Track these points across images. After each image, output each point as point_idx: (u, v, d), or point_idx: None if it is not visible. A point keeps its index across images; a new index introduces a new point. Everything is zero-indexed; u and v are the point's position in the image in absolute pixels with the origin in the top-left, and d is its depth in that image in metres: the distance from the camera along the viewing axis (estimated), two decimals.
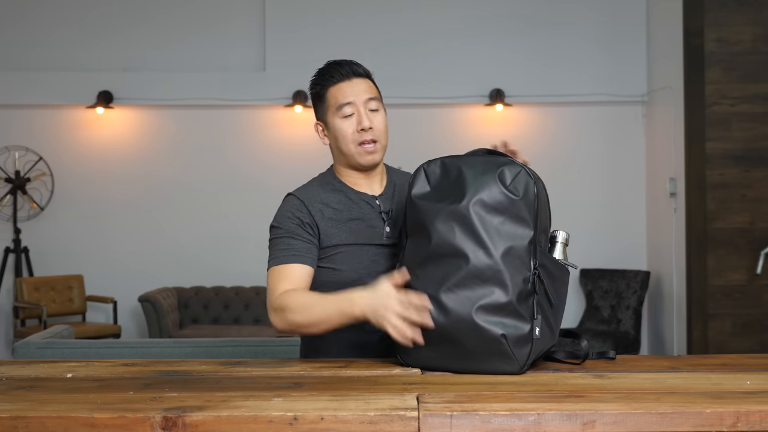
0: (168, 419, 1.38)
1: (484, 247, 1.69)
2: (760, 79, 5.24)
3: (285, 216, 2.01)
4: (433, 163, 1.82)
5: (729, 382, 1.62)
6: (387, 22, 6.88)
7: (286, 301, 1.88)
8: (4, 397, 1.55)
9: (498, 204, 1.71)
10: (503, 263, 1.68)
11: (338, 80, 2.03)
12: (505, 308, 1.68)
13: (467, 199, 1.72)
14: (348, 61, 2.08)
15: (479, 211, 1.71)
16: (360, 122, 2.01)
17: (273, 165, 6.83)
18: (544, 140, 6.86)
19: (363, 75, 2.07)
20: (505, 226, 1.70)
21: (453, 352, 1.71)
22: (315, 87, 2.08)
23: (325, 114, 2.06)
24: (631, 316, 6.33)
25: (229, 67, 6.98)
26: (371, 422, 1.37)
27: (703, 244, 5.32)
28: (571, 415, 1.39)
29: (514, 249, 1.70)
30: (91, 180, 6.98)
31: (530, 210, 1.72)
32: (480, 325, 1.67)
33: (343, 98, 2.01)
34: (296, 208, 2.01)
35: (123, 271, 6.92)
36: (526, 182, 1.72)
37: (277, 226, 2.02)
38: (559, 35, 6.85)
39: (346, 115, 2.01)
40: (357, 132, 2.01)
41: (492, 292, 1.68)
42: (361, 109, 2.02)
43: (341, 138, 2.02)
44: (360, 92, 2.03)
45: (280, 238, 1.99)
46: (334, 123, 2.03)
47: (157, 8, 7.01)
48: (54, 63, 6.94)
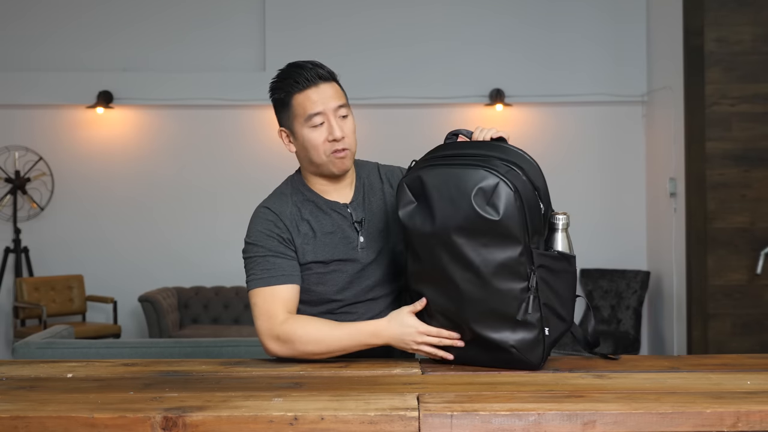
0: (168, 419, 1.38)
1: (473, 272, 1.70)
2: (760, 79, 5.24)
3: (263, 233, 1.94)
4: (411, 176, 1.77)
5: (729, 382, 1.62)
6: (387, 21, 6.88)
7: (292, 330, 1.84)
8: (4, 397, 1.55)
9: (479, 227, 1.67)
10: (496, 282, 1.69)
11: (304, 86, 1.92)
12: (507, 322, 1.72)
13: (450, 224, 1.69)
14: (311, 63, 1.96)
15: (461, 236, 1.69)
16: (331, 132, 1.92)
17: (273, 165, 6.81)
18: (544, 140, 6.85)
19: (328, 78, 1.95)
20: (491, 246, 1.68)
21: (474, 354, 1.78)
22: (277, 92, 1.97)
23: (291, 122, 1.96)
24: (631, 316, 6.33)
25: (229, 67, 6.98)
26: (371, 422, 1.37)
27: (703, 244, 5.31)
28: (571, 415, 1.40)
29: (506, 265, 1.69)
30: (91, 180, 6.98)
31: (516, 224, 1.67)
32: (489, 338, 1.73)
33: (311, 108, 1.91)
34: (273, 223, 1.94)
35: (123, 271, 6.92)
36: (506, 195, 1.65)
37: (255, 244, 1.94)
38: (559, 35, 6.85)
39: (316, 125, 1.92)
40: (328, 142, 1.92)
41: (492, 311, 1.72)
42: (331, 117, 1.92)
43: (311, 148, 1.94)
44: (328, 99, 1.93)
45: (263, 257, 1.91)
46: (303, 133, 1.94)
47: (157, 8, 7.00)
48: (54, 63, 6.94)
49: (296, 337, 1.83)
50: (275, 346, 1.86)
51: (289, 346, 1.84)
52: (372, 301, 1.98)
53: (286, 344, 1.84)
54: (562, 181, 6.57)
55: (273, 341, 1.86)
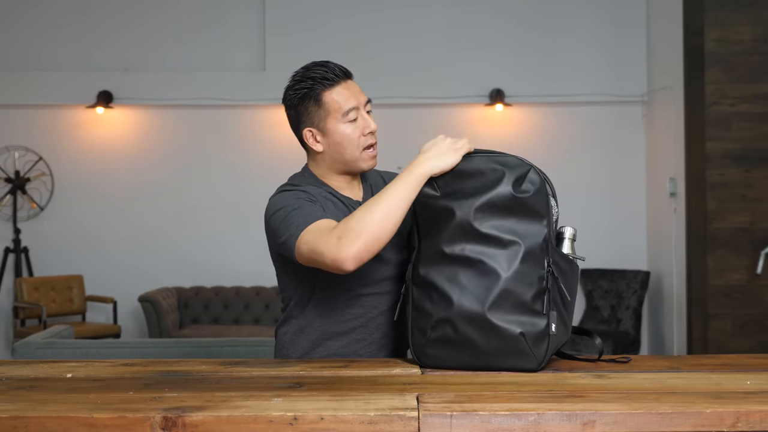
0: (168, 419, 1.38)
1: (501, 247, 1.72)
2: (760, 79, 5.24)
3: (292, 197, 1.88)
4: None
5: (729, 382, 1.62)
6: (387, 21, 6.88)
7: (338, 229, 1.72)
8: (4, 397, 1.55)
9: (510, 204, 1.73)
10: (520, 263, 1.71)
11: (334, 82, 1.93)
12: (521, 307, 1.71)
13: (479, 203, 1.73)
14: (329, 62, 1.97)
15: (491, 214, 1.73)
16: (366, 126, 1.95)
17: (273, 165, 6.82)
18: (544, 140, 6.86)
19: (350, 74, 1.98)
20: (521, 225, 1.73)
21: (471, 352, 1.74)
22: (303, 91, 1.94)
23: (322, 120, 1.94)
24: (631, 316, 6.33)
25: (229, 67, 6.98)
26: (371, 422, 1.37)
27: (703, 244, 5.31)
28: (571, 415, 1.40)
29: (530, 247, 1.73)
30: (91, 180, 6.98)
31: (543, 206, 1.74)
32: (496, 324, 1.70)
33: (347, 103, 1.93)
34: (302, 191, 1.91)
35: (123, 271, 6.92)
36: (536, 179, 1.74)
37: (284, 206, 1.86)
38: (559, 35, 6.85)
39: (352, 119, 1.94)
40: (363, 136, 1.95)
41: (508, 293, 1.71)
42: (363, 111, 1.96)
43: (347, 143, 1.94)
44: (359, 94, 1.96)
45: (297, 209, 1.83)
46: (338, 128, 1.93)
47: (157, 8, 7.01)
48: (54, 63, 6.94)
49: (352, 222, 1.71)
50: (340, 249, 1.69)
51: (352, 235, 1.69)
52: (380, 295, 1.97)
53: (347, 237, 1.69)
54: (562, 181, 6.55)
55: (335, 245, 1.70)
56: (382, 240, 1.72)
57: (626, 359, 1.88)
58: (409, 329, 1.83)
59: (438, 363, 1.78)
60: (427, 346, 1.78)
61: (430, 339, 1.77)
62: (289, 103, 1.98)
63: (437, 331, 1.75)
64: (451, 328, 1.73)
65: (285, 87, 2.01)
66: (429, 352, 1.78)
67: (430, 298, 1.78)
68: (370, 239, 1.70)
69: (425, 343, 1.78)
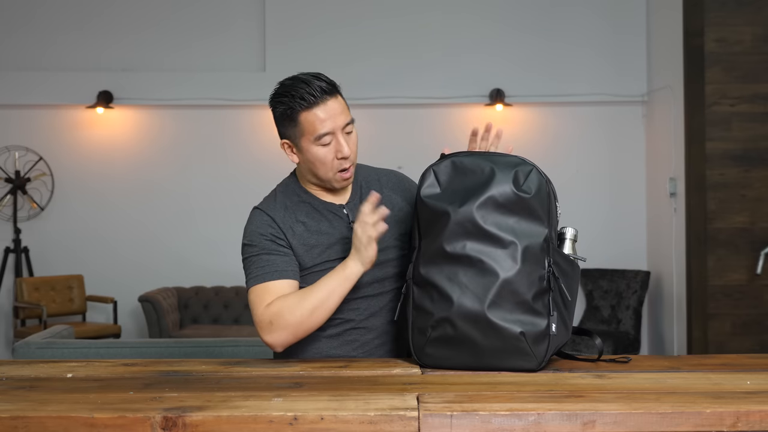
0: (168, 419, 1.38)
1: (501, 247, 1.72)
2: (760, 79, 5.24)
3: (257, 233, 1.96)
4: (442, 162, 1.82)
5: (729, 382, 1.62)
6: (387, 22, 6.88)
7: (272, 310, 1.86)
8: (4, 397, 1.55)
9: (511, 203, 1.74)
10: (521, 262, 1.71)
11: (311, 104, 1.89)
12: (521, 306, 1.71)
13: (481, 199, 1.74)
14: (314, 76, 1.92)
15: (493, 211, 1.74)
16: (340, 150, 1.92)
17: (272, 165, 6.80)
18: (544, 140, 6.86)
19: (333, 92, 1.92)
20: (521, 225, 1.74)
21: (471, 352, 1.74)
22: (281, 107, 1.94)
23: (297, 138, 1.94)
24: (631, 316, 6.33)
25: (229, 67, 6.98)
26: (371, 422, 1.37)
27: (703, 244, 5.31)
28: (571, 415, 1.40)
29: (530, 247, 1.73)
30: (91, 180, 6.98)
31: (543, 208, 1.76)
32: (496, 323, 1.71)
33: (321, 128, 1.90)
34: (267, 224, 1.96)
35: (123, 271, 6.92)
36: (538, 180, 1.76)
37: (249, 244, 1.97)
38: (560, 35, 6.85)
39: (325, 144, 1.91)
40: (336, 159, 1.93)
41: (510, 291, 1.71)
42: (339, 135, 1.92)
43: (320, 165, 1.94)
44: (336, 117, 1.91)
45: (257, 256, 1.93)
46: (310, 149, 1.93)
47: (157, 8, 7.01)
48: (54, 63, 6.94)
49: (275, 313, 1.85)
50: (266, 334, 1.86)
51: (281, 324, 1.84)
52: (371, 298, 1.98)
53: (272, 326, 1.85)
54: (562, 181, 6.56)
55: (263, 330, 1.86)
56: (311, 329, 1.88)
57: (626, 359, 1.87)
58: (410, 329, 1.83)
59: (438, 363, 1.78)
60: (427, 346, 1.78)
61: (431, 338, 1.77)
62: (271, 109, 2.00)
63: (437, 331, 1.75)
64: (452, 327, 1.73)
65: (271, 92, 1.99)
66: (429, 351, 1.78)
67: (430, 298, 1.78)
68: (298, 330, 1.86)
69: (425, 342, 1.78)
